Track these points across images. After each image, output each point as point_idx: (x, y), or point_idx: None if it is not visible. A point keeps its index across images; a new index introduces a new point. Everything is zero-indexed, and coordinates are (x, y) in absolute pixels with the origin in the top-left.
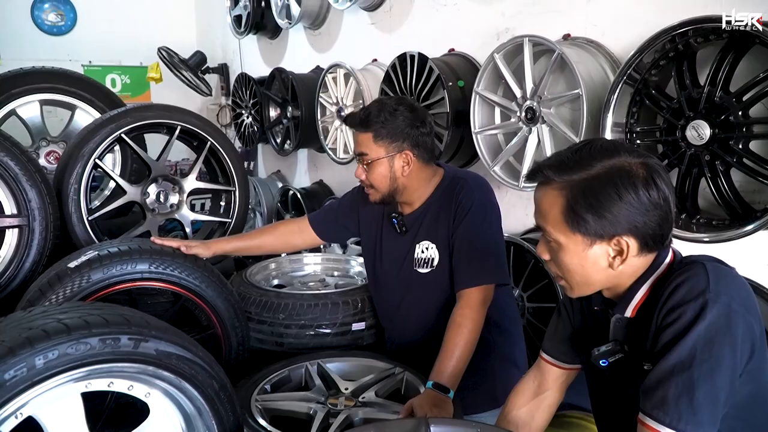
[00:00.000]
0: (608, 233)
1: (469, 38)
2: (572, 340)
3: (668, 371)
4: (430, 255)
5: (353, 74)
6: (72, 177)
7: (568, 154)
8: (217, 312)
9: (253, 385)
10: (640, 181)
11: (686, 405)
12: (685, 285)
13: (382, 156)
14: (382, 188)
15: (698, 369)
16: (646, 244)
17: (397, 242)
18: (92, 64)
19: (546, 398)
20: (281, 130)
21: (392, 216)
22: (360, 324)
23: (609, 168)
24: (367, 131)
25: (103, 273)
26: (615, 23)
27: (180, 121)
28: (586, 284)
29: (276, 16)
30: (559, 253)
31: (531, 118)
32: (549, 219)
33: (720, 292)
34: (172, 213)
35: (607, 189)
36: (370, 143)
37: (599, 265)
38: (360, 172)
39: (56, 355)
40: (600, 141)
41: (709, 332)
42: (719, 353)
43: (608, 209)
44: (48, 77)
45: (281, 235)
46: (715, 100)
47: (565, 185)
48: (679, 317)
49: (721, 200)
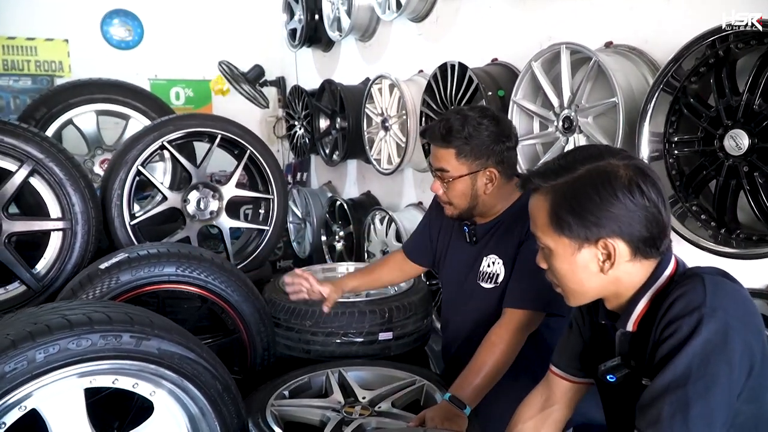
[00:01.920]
0: (593, 235)
1: (512, 47)
2: (582, 355)
3: (663, 388)
4: (495, 270)
5: (397, 85)
6: (116, 183)
7: (555, 161)
8: (243, 316)
9: (271, 391)
10: (622, 182)
11: (680, 423)
12: (682, 299)
13: (464, 173)
14: (461, 206)
15: (693, 387)
16: (637, 248)
17: (465, 251)
18: (158, 78)
19: (553, 412)
20: (330, 141)
21: (465, 224)
22: (387, 334)
23: (591, 171)
24: (449, 147)
25: (131, 275)
26: (658, 30)
27: (220, 129)
28: (581, 292)
29: (328, 29)
30: (551, 260)
31: (568, 128)
32: (538, 224)
33: (717, 307)
34: (212, 220)
35: (588, 190)
36: (452, 160)
37: (590, 270)
38: (437, 187)
39: (57, 349)
40: (589, 147)
41: (705, 349)
42: (715, 371)
43: (589, 211)
44: (103, 88)
45: (394, 266)
46: (754, 108)
47: (550, 190)
48: (674, 332)
49: (760, 214)
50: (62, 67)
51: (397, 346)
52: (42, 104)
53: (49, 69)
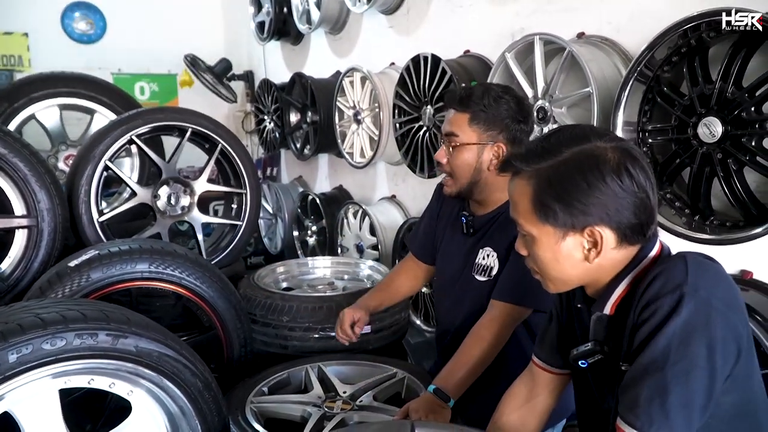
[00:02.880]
0: (579, 223)
1: (484, 39)
2: (560, 341)
3: (642, 371)
4: (489, 263)
5: (369, 78)
6: (83, 179)
7: (537, 142)
8: (219, 313)
9: (250, 387)
10: (610, 166)
11: (658, 408)
12: (661, 277)
13: (473, 141)
14: (462, 179)
15: (671, 370)
16: (624, 235)
17: (461, 242)
18: (121, 72)
19: (538, 403)
20: (301, 135)
21: (462, 214)
22: (366, 327)
23: (577, 154)
24: (465, 111)
25: (102, 272)
26: (631, 20)
27: (191, 123)
28: (563, 280)
29: (297, 21)
30: (533, 247)
31: (542, 118)
32: (519, 210)
33: (699, 286)
34: (183, 215)
35: (574, 176)
36: (464, 125)
37: (574, 258)
38: (442, 154)
39: (30, 349)
40: (572, 127)
41: (685, 329)
42: (695, 353)
43: (576, 197)
44: (67, 82)
45: (408, 275)
46: (727, 96)
47: (533, 174)
48: (654, 312)
49: (734, 201)
50: (22, 62)
51: (375, 340)
52: (3, 99)
53: (8, 63)
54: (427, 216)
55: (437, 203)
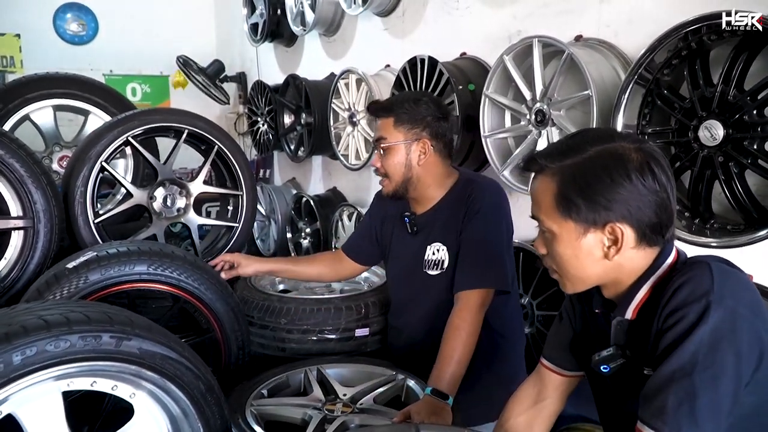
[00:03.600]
0: (601, 219)
1: (481, 42)
2: (573, 346)
3: (668, 378)
4: (440, 257)
5: (365, 79)
6: (78, 180)
7: (562, 141)
8: (217, 315)
9: (249, 390)
10: (634, 165)
11: (686, 414)
12: (688, 286)
13: (399, 140)
14: (396, 177)
15: (700, 376)
16: (644, 234)
17: (408, 242)
18: (113, 74)
19: (546, 407)
20: (295, 137)
21: (404, 215)
22: (364, 330)
23: (602, 152)
24: (389, 116)
25: (100, 274)
26: (629, 24)
27: (187, 124)
28: (581, 278)
29: (291, 23)
30: (553, 244)
31: (541, 121)
32: (542, 207)
33: (725, 294)
34: (179, 217)
35: (599, 172)
36: (390, 128)
37: (594, 256)
38: (376, 159)
39: (34, 351)
40: (596, 129)
41: (712, 337)
42: (723, 360)
43: (600, 193)
44: (61, 83)
45: (326, 262)
46: (728, 99)
47: (557, 170)
48: (680, 320)
49: (735, 204)
50: (14, 63)
51: (373, 342)
52: None
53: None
54: (366, 219)
55: (380, 208)
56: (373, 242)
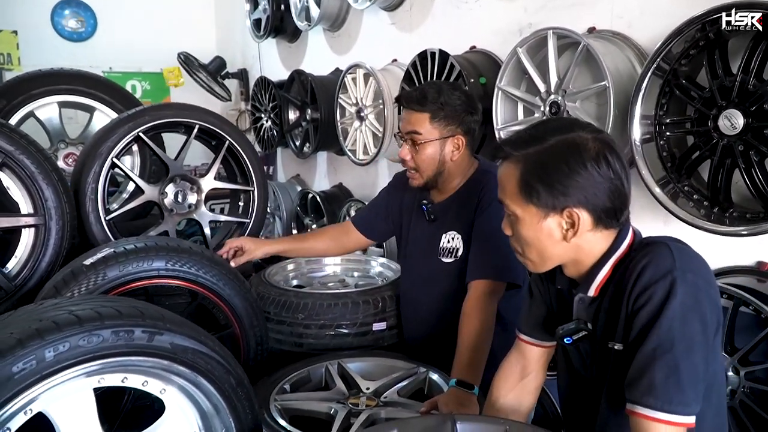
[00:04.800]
0: (560, 204)
1: (490, 35)
2: (546, 319)
3: (650, 356)
4: (455, 245)
5: (373, 74)
6: (89, 176)
7: (526, 130)
8: (235, 310)
9: (272, 385)
10: (590, 154)
11: (674, 386)
12: (652, 265)
13: (435, 138)
14: (428, 171)
15: (677, 348)
16: (599, 218)
17: (425, 230)
18: (112, 71)
19: (531, 381)
20: (300, 133)
21: (423, 203)
22: (381, 324)
23: (561, 141)
24: (424, 111)
25: (119, 270)
26: (642, 15)
27: (198, 119)
28: (543, 258)
29: (295, 19)
30: (516, 226)
31: (555, 113)
32: (507, 191)
33: (686, 269)
34: (191, 213)
35: (558, 161)
36: (426, 123)
37: (554, 238)
38: (405, 152)
39: (67, 347)
40: (559, 119)
41: (681, 310)
42: (692, 330)
43: (558, 180)
44: (67, 79)
45: (332, 236)
46: (748, 88)
47: (521, 158)
48: (650, 298)
49: (755, 192)
50: (11, 60)
51: (390, 336)
52: (1, 96)
53: None
54: (383, 195)
55: (398, 192)
56: (386, 219)
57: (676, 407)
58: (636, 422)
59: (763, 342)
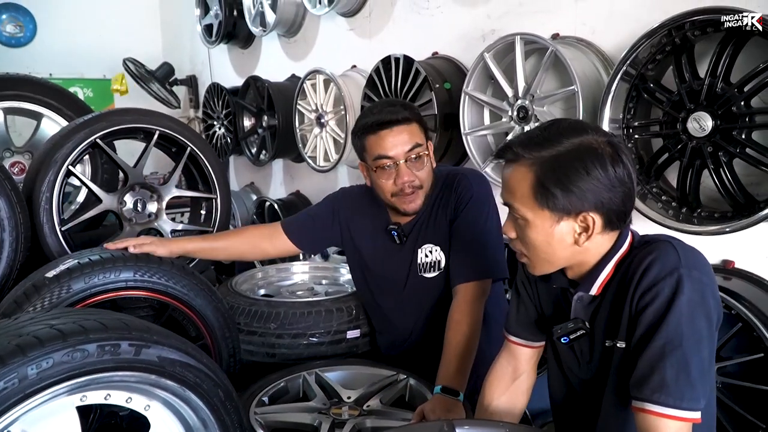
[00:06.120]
0: (575, 209)
1: (453, 41)
2: (538, 320)
3: (659, 353)
4: (435, 258)
5: (334, 80)
6: (43, 185)
7: (537, 132)
8: (207, 322)
9: (250, 398)
10: (607, 157)
11: (685, 382)
12: (657, 263)
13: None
14: (428, 185)
15: (687, 345)
16: (611, 221)
17: (397, 253)
18: (53, 77)
19: (523, 382)
20: (256, 141)
21: (390, 228)
22: (355, 332)
23: (577, 145)
24: (412, 121)
25: (84, 282)
26: (606, 21)
27: (158, 125)
28: (550, 261)
29: (250, 24)
30: (525, 230)
31: (523, 117)
32: (517, 195)
33: (690, 266)
34: (151, 222)
35: (576, 165)
36: (420, 134)
37: (565, 242)
38: (408, 173)
39: (50, 363)
40: (567, 120)
41: (689, 307)
42: (700, 326)
43: (576, 184)
44: (12, 84)
45: (251, 239)
46: (716, 91)
47: (535, 161)
48: (657, 295)
49: (724, 192)
50: None
51: (364, 344)
52: None
53: None
54: (324, 210)
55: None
56: (323, 232)
57: (688, 403)
58: (645, 419)
59: (734, 338)
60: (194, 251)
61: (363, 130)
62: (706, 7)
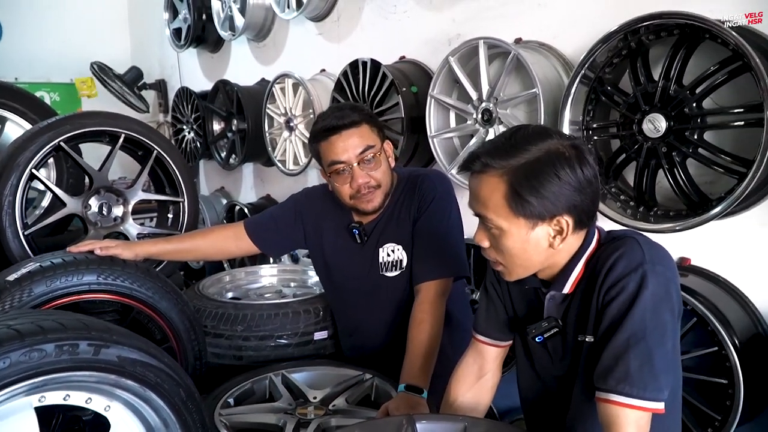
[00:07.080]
0: (550, 213)
1: (420, 45)
2: (509, 320)
3: (624, 345)
4: (397, 257)
5: (302, 84)
6: (6, 189)
7: (502, 140)
8: (172, 325)
9: (215, 400)
10: (574, 160)
11: (648, 373)
12: (624, 259)
13: (380, 146)
14: (386, 186)
15: (651, 337)
16: (581, 221)
17: (358, 252)
18: (18, 81)
19: (488, 380)
20: (226, 145)
21: (351, 227)
22: (322, 333)
23: (545, 151)
24: (362, 122)
25: (46, 285)
26: (566, 26)
27: (124, 128)
28: (525, 267)
29: (219, 28)
30: (500, 239)
31: (488, 120)
32: (490, 206)
33: (655, 262)
34: (117, 226)
35: (547, 170)
36: (372, 134)
37: (541, 246)
38: (363, 175)
39: (7, 363)
40: (530, 126)
41: (653, 301)
42: (664, 320)
43: (549, 190)
44: None
45: (215, 240)
46: (669, 93)
47: (505, 171)
48: (622, 290)
49: (678, 190)
50: None
51: (332, 345)
52: None
53: None
54: (287, 211)
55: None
56: (286, 234)
57: (651, 393)
58: (608, 409)
59: (690, 333)
60: (159, 254)
61: (315, 137)
62: (660, 12)
